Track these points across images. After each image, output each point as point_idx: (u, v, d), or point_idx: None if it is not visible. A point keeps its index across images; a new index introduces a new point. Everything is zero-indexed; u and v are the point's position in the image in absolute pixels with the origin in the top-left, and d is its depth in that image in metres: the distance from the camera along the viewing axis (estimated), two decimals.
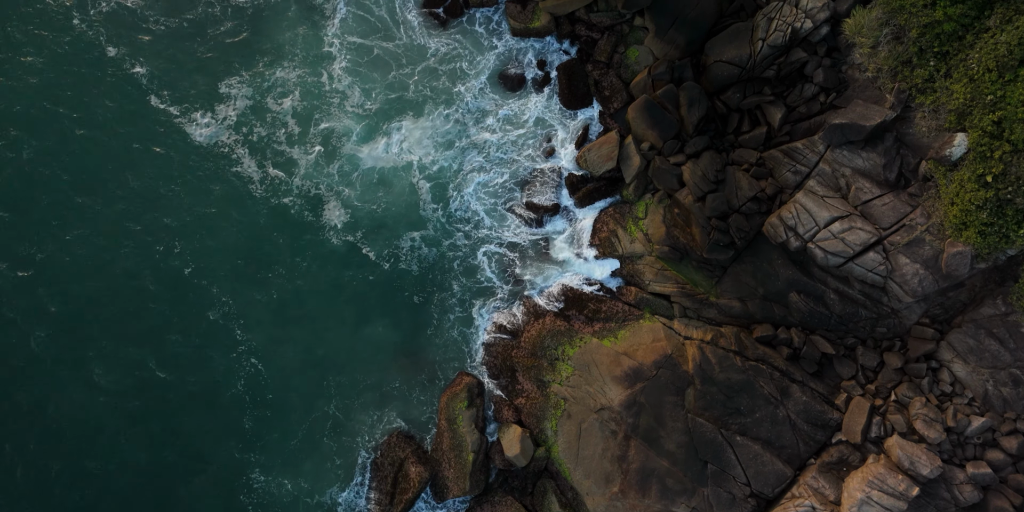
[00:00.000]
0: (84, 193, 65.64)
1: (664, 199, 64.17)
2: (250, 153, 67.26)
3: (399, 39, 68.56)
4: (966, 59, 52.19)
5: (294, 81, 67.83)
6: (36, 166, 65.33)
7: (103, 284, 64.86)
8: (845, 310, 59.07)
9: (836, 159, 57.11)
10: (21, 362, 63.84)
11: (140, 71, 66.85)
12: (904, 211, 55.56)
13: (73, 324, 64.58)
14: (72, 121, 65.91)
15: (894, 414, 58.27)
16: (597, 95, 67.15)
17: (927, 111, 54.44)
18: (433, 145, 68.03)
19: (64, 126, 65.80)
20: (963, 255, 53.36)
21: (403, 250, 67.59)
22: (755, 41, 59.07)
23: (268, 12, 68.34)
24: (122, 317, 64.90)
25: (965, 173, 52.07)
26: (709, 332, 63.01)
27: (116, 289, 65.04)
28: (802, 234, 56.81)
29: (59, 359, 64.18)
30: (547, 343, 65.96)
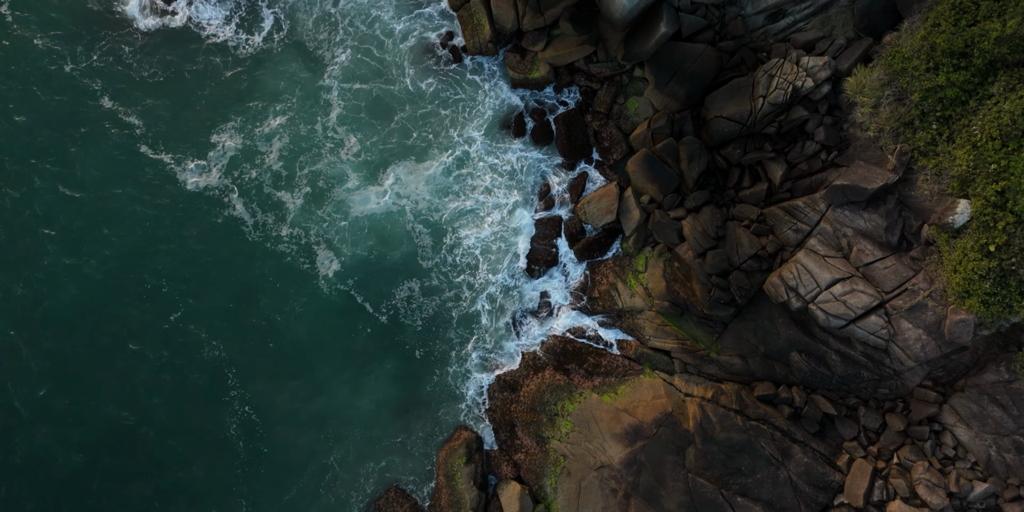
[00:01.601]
0: (75, 240, 66.36)
1: (664, 253, 64.40)
2: (244, 200, 67.77)
3: (396, 86, 69.06)
4: (969, 125, 52.34)
5: (290, 128, 68.40)
6: (24, 213, 65.88)
7: (93, 330, 65.25)
8: (847, 371, 59.17)
9: (837, 219, 57.18)
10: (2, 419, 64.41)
11: (134, 121, 67.58)
12: (906, 275, 55.57)
13: (59, 375, 64.93)
14: (64, 169, 66.55)
15: (896, 478, 58.37)
16: (596, 146, 67.49)
17: (929, 174, 54.48)
18: (429, 192, 68.43)
19: (56, 174, 66.39)
20: (966, 323, 53.32)
21: (399, 300, 67.96)
22: (756, 98, 59.16)
23: (267, 61, 68.96)
24: (112, 365, 65.25)
25: (968, 241, 52.12)
26: (710, 389, 63.09)
27: (107, 335, 65.42)
28: (803, 295, 56.84)
29: (43, 412, 64.58)
30: (547, 398, 66.22)
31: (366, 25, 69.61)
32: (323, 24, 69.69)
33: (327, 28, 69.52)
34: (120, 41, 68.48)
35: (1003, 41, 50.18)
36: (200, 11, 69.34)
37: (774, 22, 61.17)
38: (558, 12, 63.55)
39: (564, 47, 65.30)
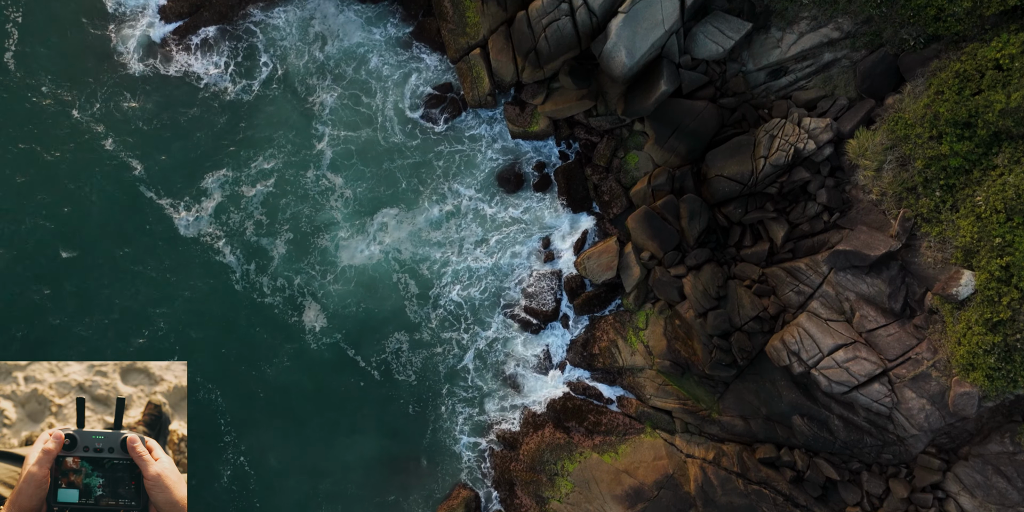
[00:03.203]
0: (69, 281, 67.26)
1: (665, 310, 64.43)
2: (234, 248, 68.54)
3: (389, 135, 69.44)
4: (973, 195, 52.40)
5: (282, 174, 68.97)
6: (18, 252, 66.97)
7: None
8: (850, 437, 59.18)
9: (840, 282, 57.23)
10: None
11: (135, 164, 68.40)
12: (910, 344, 55.62)
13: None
14: (60, 213, 67.72)
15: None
16: (596, 199, 67.59)
17: (933, 242, 54.54)
18: (419, 243, 68.84)
19: (52, 218, 67.61)
20: (970, 396, 53.41)
21: (389, 353, 68.44)
22: (757, 158, 59.24)
23: (262, 107, 69.49)
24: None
25: (972, 315, 52.05)
26: (712, 450, 63.13)
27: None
28: (805, 360, 56.94)
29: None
30: (546, 457, 66.32)
31: (361, 73, 70.10)
32: (317, 71, 70.10)
33: (320, 75, 69.94)
34: (121, 87, 69.32)
35: (1008, 114, 50.03)
36: (197, 58, 69.89)
37: (776, 79, 61.32)
38: (557, 66, 63.62)
39: (564, 101, 65.38)
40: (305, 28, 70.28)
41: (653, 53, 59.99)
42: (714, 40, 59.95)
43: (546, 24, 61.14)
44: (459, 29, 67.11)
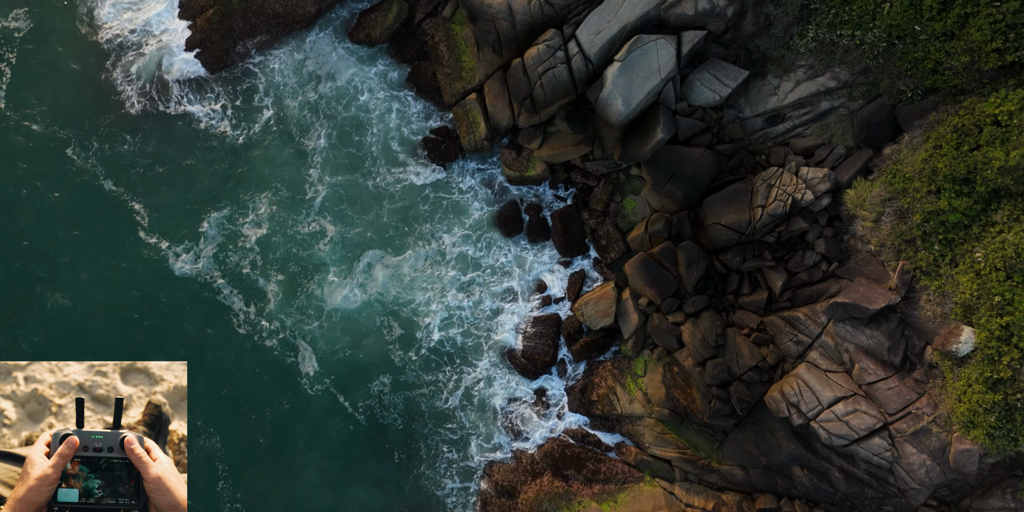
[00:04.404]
0: (61, 327, 67.57)
1: (664, 357, 64.69)
2: (232, 289, 69.21)
3: (384, 179, 69.89)
4: (972, 251, 52.38)
5: (276, 217, 69.46)
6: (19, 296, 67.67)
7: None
8: (851, 488, 59.17)
9: (839, 333, 57.40)
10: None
11: (133, 206, 68.97)
12: (910, 398, 55.67)
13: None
14: (54, 255, 68.44)
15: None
16: (593, 243, 67.98)
17: (932, 296, 54.45)
18: (419, 288, 69.25)
19: (51, 260, 68.37)
20: (971, 453, 53.44)
21: (378, 399, 68.96)
22: (755, 207, 59.47)
23: (258, 149, 70.10)
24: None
25: (972, 373, 52.06)
26: (711, 500, 63.18)
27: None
28: (805, 412, 57.13)
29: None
30: (545, 506, 66.54)
31: (354, 115, 70.50)
32: (312, 113, 70.56)
33: (315, 117, 70.41)
34: (118, 127, 69.95)
35: (1007, 171, 50.00)
36: (195, 99, 70.45)
37: (773, 126, 61.63)
38: (553, 111, 63.81)
39: (560, 146, 65.60)
40: (300, 69, 70.83)
41: (649, 100, 60.25)
42: (711, 88, 60.17)
43: (542, 71, 61.42)
44: (455, 74, 67.55)
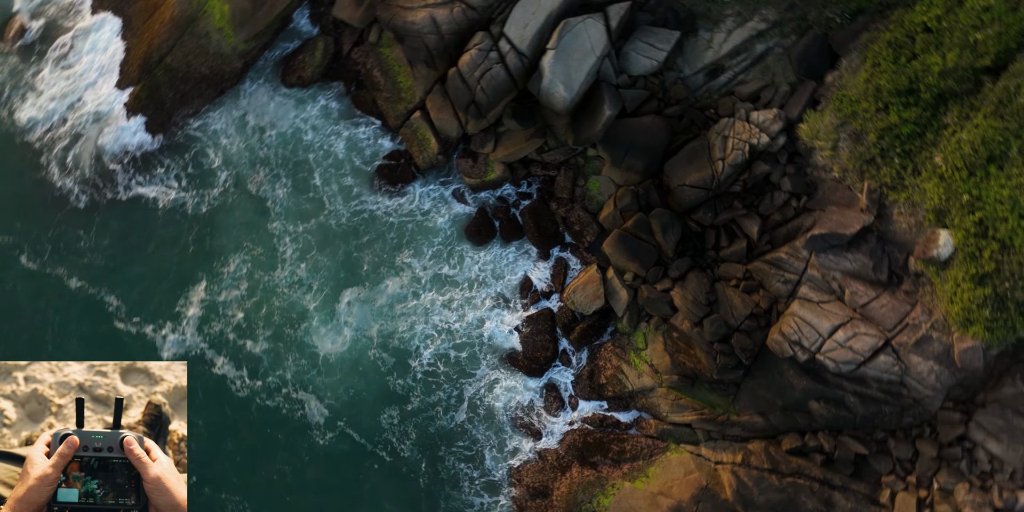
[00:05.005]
0: None
1: (660, 325, 65.87)
2: (225, 357, 69.69)
3: (349, 216, 70.93)
4: (931, 157, 54.53)
5: (252, 277, 70.38)
6: None
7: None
8: (868, 410, 60.77)
9: (823, 264, 59.11)
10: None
11: (106, 299, 69.65)
12: (904, 310, 57.50)
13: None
14: None
15: (941, 504, 59.64)
16: (568, 231, 69.29)
17: (903, 208, 56.65)
18: (401, 316, 70.28)
19: None
20: (974, 350, 55.28)
21: (393, 432, 69.46)
22: (714, 160, 61.38)
23: (222, 213, 70.95)
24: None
25: (958, 273, 54.10)
26: (739, 452, 64.25)
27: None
28: (808, 347, 58.64)
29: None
30: (580, 497, 67.08)
31: (304, 159, 71.63)
32: (263, 166, 71.50)
33: (267, 169, 71.39)
34: (69, 225, 70.60)
35: (947, 74, 52.54)
36: (145, 178, 71.23)
37: (714, 79, 63.59)
38: (500, 111, 65.31)
39: (513, 144, 67.00)
40: (242, 124, 71.76)
41: (590, 80, 62.12)
42: (646, 55, 62.31)
43: (479, 75, 62.99)
44: (394, 96, 69.11)
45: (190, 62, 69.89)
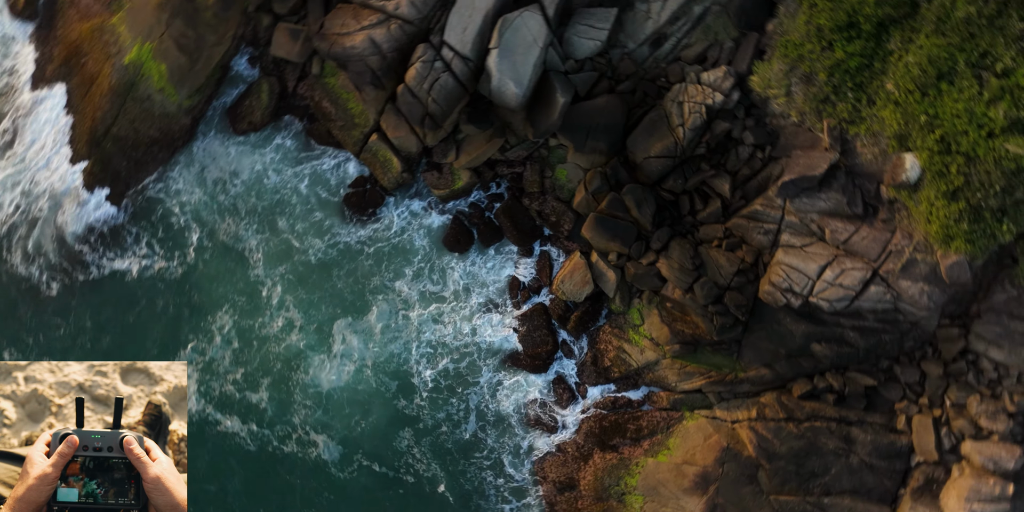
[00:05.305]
0: None
1: (653, 298, 66.96)
2: (227, 414, 69.96)
3: (325, 250, 71.41)
4: (882, 85, 56.63)
5: (242, 327, 70.65)
6: None
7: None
8: (869, 342, 62.47)
9: (799, 208, 60.86)
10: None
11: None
12: (885, 239, 59.44)
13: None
14: None
15: (957, 419, 61.54)
16: (545, 223, 70.25)
17: (865, 139, 58.63)
18: (394, 339, 70.93)
19: None
20: (960, 264, 57.40)
21: (417, 451, 70.09)
22: (674, 128, 62.92)
23: (202, 270, 71.09)
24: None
25: (929, 193, 56.06)
26: (752, 408, 65.61)
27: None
28: (800, 292, 60.22)
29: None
30: (607, 482, 67.99)
31: (270, 202, 71.95)
32: (232, 216, 71.59)
33: (236, 219, 71.58)
34: (47, 314, 70.32)
35: (883, 2, 54.88)
36: (113, 255, 71.13)
37: (659, 48, 64.88)
38: (455, 118, 66.24)
39: (475, 148, 67.94)
40: (203, 179, 71.78)
41: (538, 72, 63.36)
42: (588, 37, 63.60)
43: (428, 87, 63.85)
44: (348, 123, 69.62)
45: (137, 128, 69.61)
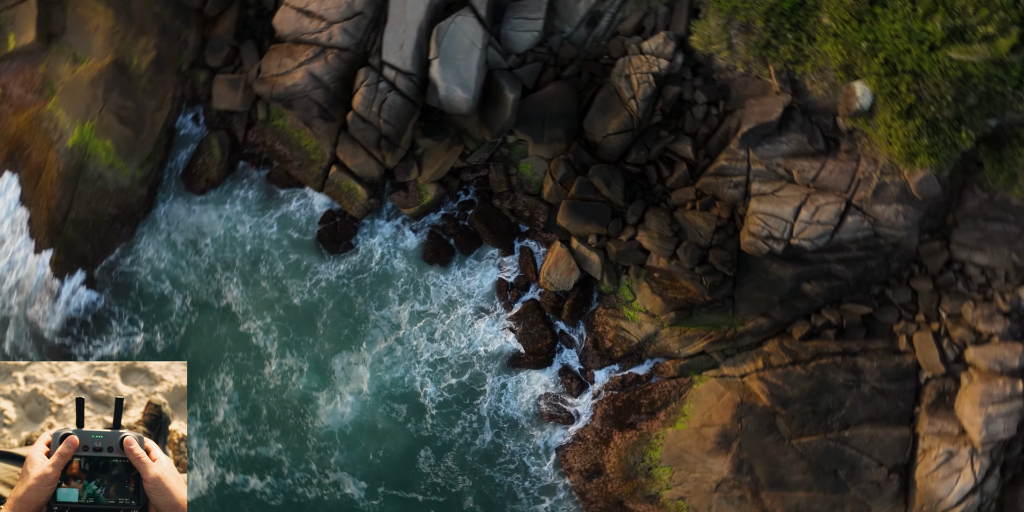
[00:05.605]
0: None
1: (640, 272, 67.92)
2: (244, 474, 70.14)
3: (307, 289, 71.66)
4: (819, 21, 58.22)
5: (242, 383, 70.83)
6: None
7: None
8: (855, 271, 63.94)
9: (763, 155, 62.24)
10: None
11: None
12: (852, 168, 61.03)
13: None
14: None
15: (955, 329, 63.29)
16: (520, 220, 70.99)
17: (813, 76, 60.24)
18: (393, 364, 71.43)
19: None
20: (928, 178, 59.08)
21: (439, 469, 70.73)
22: (626, 101, 64.04)
23: (190, 336, 71.14)
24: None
25: (885, 115, 57.65)
26: (757, 358, 66.82)
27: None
28: (780, 237, 61.64)
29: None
30: (632, 460, 69.01)
31: (244, 254, 71.95)
32: (210, 275, 71.51)
33: (215, 277, 71.55)
34: None
35: None
36: (97, 342, 70.77)
37: (596, 27, 65.71)
38: (410, 134, 66.73)
39: (435, 161, 68.49)
40: (172, 244, 71.61)
41: (483, 74, 64.26)
42: (525, 29, 64.56)
43: (377, 109, 64.41)
44: (305, 160, 69.94)
45: (95, 209, 68.89)
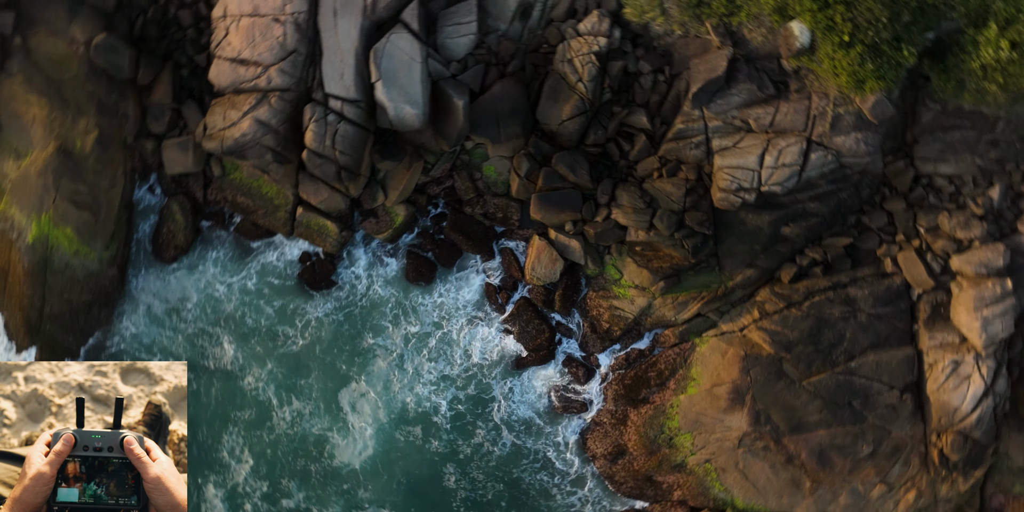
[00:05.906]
0: None
1: (622, 248, 68.36)
2: None
3: (299, 333, 71.47)
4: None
5: (252, 436, 70.63)
6: None
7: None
8: (829, 205, 65.22)
9: (717, 111, 63.13)
10: None
11: None
12: (805, 106, 62.17)
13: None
14: None
15: (936, 241, 64.82)
16: (494, 222, 71.13)
17: (749, 25, 61.49)
18: (398, 389, 71.44)
19: None
20: (880, 101, 60.47)
21: (465, 481, 70.92)
22: (574, 85, 64.45)
23: (190, 402, 69.96)
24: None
25: (826, 49, 59.05)
26: (752, 308, 67.67)
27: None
28: (750, 187, 62.70)
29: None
30: (651, 434, 69.63)
31: (229, 310, 71.60)
32: (199, 338, 70.97)
33: (208, 338, 70.88)
34: None
35: None
36: None
37: (529, 19, 65.92)
38: (368, 160, 66.66)
39: (398, 181, 68.45)
40: (154, 316, 70.96)
41: (428, 86, 64.37)
42: (460, 35, 64.92)
43: (331, 142, 64.23)
44: (269, 208, 69.61)
45: (69, 299, 67.72)
